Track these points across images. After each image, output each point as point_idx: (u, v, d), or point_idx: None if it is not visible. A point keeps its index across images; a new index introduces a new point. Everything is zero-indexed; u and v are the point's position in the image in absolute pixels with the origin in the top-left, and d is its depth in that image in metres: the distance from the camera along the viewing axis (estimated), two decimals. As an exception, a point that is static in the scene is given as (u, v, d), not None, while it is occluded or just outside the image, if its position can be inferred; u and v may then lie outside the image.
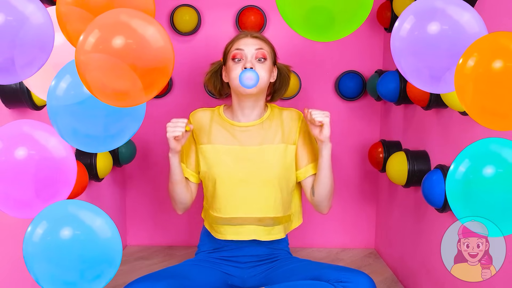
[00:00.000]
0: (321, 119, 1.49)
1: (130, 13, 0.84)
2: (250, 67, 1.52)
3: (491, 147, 0.91)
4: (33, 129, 0.96)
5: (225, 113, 1.67)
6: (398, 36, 0.95)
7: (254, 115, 1.63)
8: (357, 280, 1.40)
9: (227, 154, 1.60)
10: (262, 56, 1.56)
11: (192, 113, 1.69)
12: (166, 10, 2.33)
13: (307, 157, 1.64)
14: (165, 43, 0.83)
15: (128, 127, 0.96)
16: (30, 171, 0.92)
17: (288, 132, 1.64)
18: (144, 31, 0.82)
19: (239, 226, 1.61)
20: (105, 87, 0.83)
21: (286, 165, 1.62)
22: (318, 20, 0.93)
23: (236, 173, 1.59)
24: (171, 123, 1.50)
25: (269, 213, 1.60)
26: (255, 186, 1.59)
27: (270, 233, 1.63)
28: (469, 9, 0.92)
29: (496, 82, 0.83)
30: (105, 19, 0.83)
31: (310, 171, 1.63)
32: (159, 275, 1.50)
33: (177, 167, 1.58)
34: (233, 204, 1.60)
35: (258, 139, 1.61)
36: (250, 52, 1.56)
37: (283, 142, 1.62)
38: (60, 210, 0.93)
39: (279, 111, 1.68)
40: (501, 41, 0.84)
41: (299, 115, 1.68)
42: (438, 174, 1.57)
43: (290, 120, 1.66)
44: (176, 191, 1.62)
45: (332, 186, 1.60)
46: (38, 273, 0.91)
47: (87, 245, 0.91)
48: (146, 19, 0.83)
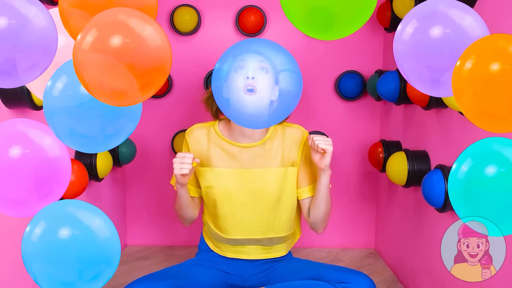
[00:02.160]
0: (325, 147, 1.45)
1: (127, 12, 0.83)
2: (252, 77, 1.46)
3: (493, 147, 0.91)
4: (27, 128, 0.95)
5: (222, 131, 1.60)
6: (400, 40, 0.94)
7: (257, 134, 1.57)
8: (358, 281, 1.40)
9: (227, 177, 1.57)
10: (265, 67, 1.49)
11: (188, 132, 1.63)
12: (166, 10, 2.33)
13: (307, 178, 1.61)
14: (163, 42, 0.83)
15: (124, 127, 0.96)
16: (25, 170, 0.92)
17: (289, 153, 1.59)
18: (141, 30, 0.82)
19: (239, 246, 1.61)
20: (102, 86, 0.83)
21: (287, 188, 1.59)
22: (320, 19, 0.93)
23: (236, 196, 1.56)
24: (177, 159, 1.46)
25: (268, 234, 1.60)
26: (256, 209, 1.57)
27: (269, 252, 1.63)
28: (471, 13, 0.92)
29: (494, 84, 0.83)
30: (102, 18, 0.83)
31: (308, 193, 1.61)
32: (159, 275, 1.50)
33: (184, 195, 1.57)
34: (233, 226, 1.59)
35: (259, 161, 1.57)
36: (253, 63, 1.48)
37: (283, 165, 1.58)
38: (59, 210, 0.93)
39: (283, 128, 1.62)
40: (498, 43, 0.84)
41: (303, 135, 1.62)
42: (438, 174, 1.57)
43: (292, 140, 1.60)
44: (185, 212, 1.62)
45: (328, 210, 1.58)
46: (37, 273, 0.91)
47: (85, 245, 0.91)
48: (144, 18, 0.83)
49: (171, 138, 2.39)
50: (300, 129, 1.63)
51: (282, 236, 1.62)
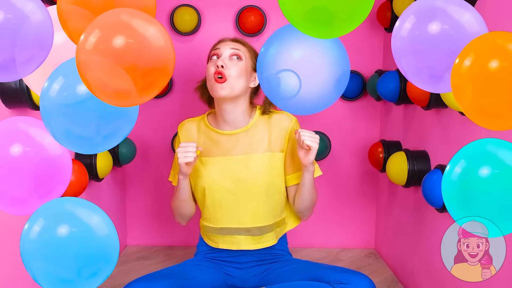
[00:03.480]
0: (310, 143, 1.45)
1: (130, 13, 0.84)
2: (221, 65, 1.50)
3: (487, 148, 0.91)
4: (28, 126, 0.96)
5: (209, 121, 1.64)
6: (398, 36, 0.95)
7: (239, 121, 1.59)
8: (358, 282, 1.40)
9: (213, 165, 1.58)
10: (236, 55, 1.54)
11: (180, 126, 1.68)
12: (166, 10, 2.33)
13: (293, 166, 1.62)
14: (166, 43, 0.83)
15: (121, 128, 0.96)
16: (25, 168, 0.92)
17: (275, 139, 1.60)
18: (144, 30, 0.82)
19: (229, 236, 1.61)
20: (105, 86, 0.83)
21: (274, 173, 1.59)
22: (318, 17, 0.93)
23: (222, 184, 1.57)
24: (181, 149, 1.48)
25: (257, 223, 1.60)
26: (242, 197, 1.58)
27: (259, 242, 1.63)
28: (469, 9, 0.92)
29: (493, 81, 0.83)
30: (105, 19, 0.83)
31: (294, 181, 1.62)
32: (159, 275, 1.50)
33: (186, 187, 1.58)
34: (221, 214, 1.60)
35: (243, 148, 1.59)
36: (226, 51, 1.54)
37: (269, 150, 1.59)
38: (57, 207, 0.93)
39: (269, 116, 1.63)
40: (497, 41, 0.84)
41: (290, 121, 1.63)
42: (438, 174, 1.57)
43: (279, 126, 1.61)
44: (184, 207, 1.63)
45: (313, 200, 1.59)
46: (35, 271, 0.91)
47: (84, 243, 0.91)
48: (147, 19, 0.83)
49: (171, 138, 2.39)
50: (288, 116, 1.63)
51: (270, 224, 1.62)
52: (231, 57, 1.54)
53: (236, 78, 1.52)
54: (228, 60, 1.53)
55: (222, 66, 1.50)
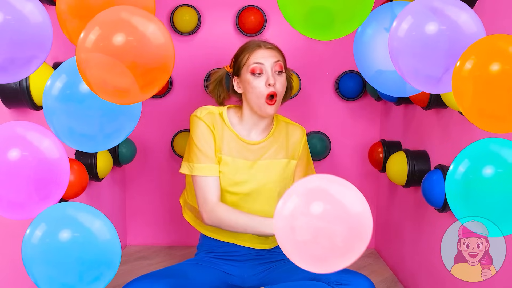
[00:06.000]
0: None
1: (130, 11, 0.83)
2: (273, 83, 1.51)
3: (491, 147, 0.91)
4: (26, 131, 0.95)
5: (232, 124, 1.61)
6: (396, 36, 0.94)
7: (266, 126, 1.62)
8: (357, 283, 1.40)
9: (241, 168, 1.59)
10: (280, 69, 1.55)
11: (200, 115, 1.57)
12: (166, 10, 2.33)
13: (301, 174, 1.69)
14: (166, 41, 0.83)
15: (124, 126, 0.96)
16: (24, 172, 0.92)
17: (292, 148, 1.66)
18: (144, 28, 0.82)
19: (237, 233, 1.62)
20: (105, 84, 0.83)
21: (285, 179, 1.64)
22: (318, 19, 0.93)
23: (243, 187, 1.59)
24: None
25: None
26: (257, 200, 1.60)
27: (265, 242, 1.65)
28: (467, 9, 0.92)
29: (494, 84, 0.83)
30: (105, 17, 0.82)
31: None
32: (159, 274, 1.50)
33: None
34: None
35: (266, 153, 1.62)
36: (269, 65, 1.53)
37: (286, 157, 1.64)
38: (59, 212, 0.93)
39: (285, 125, 1.69)
40: (498, 44, 0.84)
41: (303, 132, 1.71)
42: (438, 174, 1.57)
43: (295, 136, 1.68)
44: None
45: None
46: (37, 276, 0.91)
47: (86, 247, 0.91)
48: (147, 17, 0.83)
49: (171, 138, 2.39)
50: (300, 128, 1.72)
51: None
52: (275, 70, 1.54)
53: (282, 94, 1.56)
54: (272, 74, 1.53)
55: (274, 84, 1.52)
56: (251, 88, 1.54)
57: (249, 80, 1.54)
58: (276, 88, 1.52)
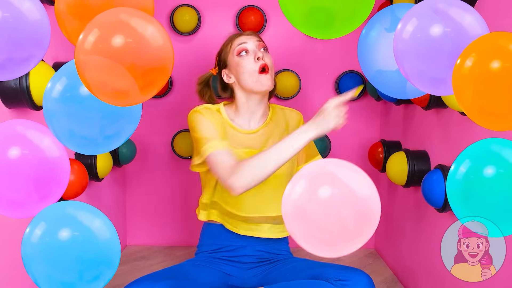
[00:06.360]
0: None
1: (129, 12, 0.83)
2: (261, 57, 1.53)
3: (492, 148, 0.91)
4: (26, 129, 0.95)
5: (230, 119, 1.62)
6: (400, 38, 0.94)
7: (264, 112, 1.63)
8: (356, 279, 1.40)
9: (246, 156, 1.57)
10: (264, 47, 1.59)
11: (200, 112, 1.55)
12: (166, 10, 2.33)
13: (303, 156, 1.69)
14: (165, 42, 0.83)
15: (124, 128, 0.96)
16: (24, 170, 0.92)
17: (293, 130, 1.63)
18: (143, 30, 0.82)
19: (254, 225, 1.61)
20: (104, 86, 0.83)
21: (293, 163, 1.65)
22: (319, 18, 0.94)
23: None
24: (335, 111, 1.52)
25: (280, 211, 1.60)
26: (270, 186, 1.58)
27: (283, 230, 1.64)
28: (471, 11, 0.92)
29: (494, 82, 0.83)
30: (104, 18, 0.82)
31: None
32: (159, 275, 1.49)
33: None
34: (248, 204, 1.59)
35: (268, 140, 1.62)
36: (253, 44, 1.58)
37: None
38: (59, 211, 0.93)
39: (281, 110, 1.70)
40: (498, 42, 0.84)
41: (300, 116, 1.72)
42: (438, 174, 1.57)
43: (293, 120, 1.69)
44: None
45: None
46: (37, 274, 0.91)
47: (85, 246, 0.91)
48: (146, 18, 0.83)
49: (171, 138, 2.39)
50: (296, 111, 1.74)
51: None
52: (259, 48, 1.58)
53: (272, 68, 1.58)
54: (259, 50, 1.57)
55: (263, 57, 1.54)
56: (242, 68, 1.55)
57: (238, 62, 1.57)
58: (266, 61, 1.55)
